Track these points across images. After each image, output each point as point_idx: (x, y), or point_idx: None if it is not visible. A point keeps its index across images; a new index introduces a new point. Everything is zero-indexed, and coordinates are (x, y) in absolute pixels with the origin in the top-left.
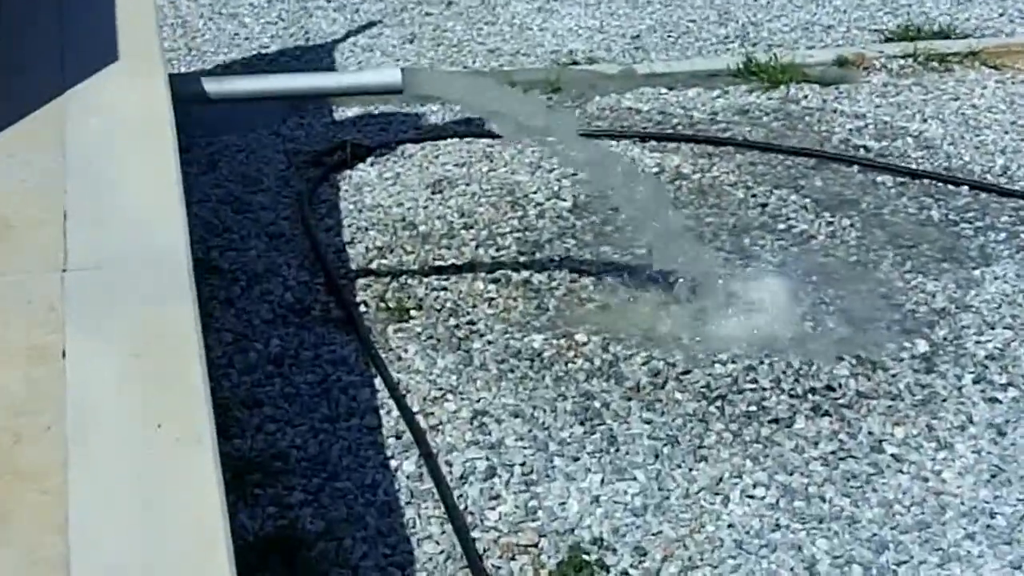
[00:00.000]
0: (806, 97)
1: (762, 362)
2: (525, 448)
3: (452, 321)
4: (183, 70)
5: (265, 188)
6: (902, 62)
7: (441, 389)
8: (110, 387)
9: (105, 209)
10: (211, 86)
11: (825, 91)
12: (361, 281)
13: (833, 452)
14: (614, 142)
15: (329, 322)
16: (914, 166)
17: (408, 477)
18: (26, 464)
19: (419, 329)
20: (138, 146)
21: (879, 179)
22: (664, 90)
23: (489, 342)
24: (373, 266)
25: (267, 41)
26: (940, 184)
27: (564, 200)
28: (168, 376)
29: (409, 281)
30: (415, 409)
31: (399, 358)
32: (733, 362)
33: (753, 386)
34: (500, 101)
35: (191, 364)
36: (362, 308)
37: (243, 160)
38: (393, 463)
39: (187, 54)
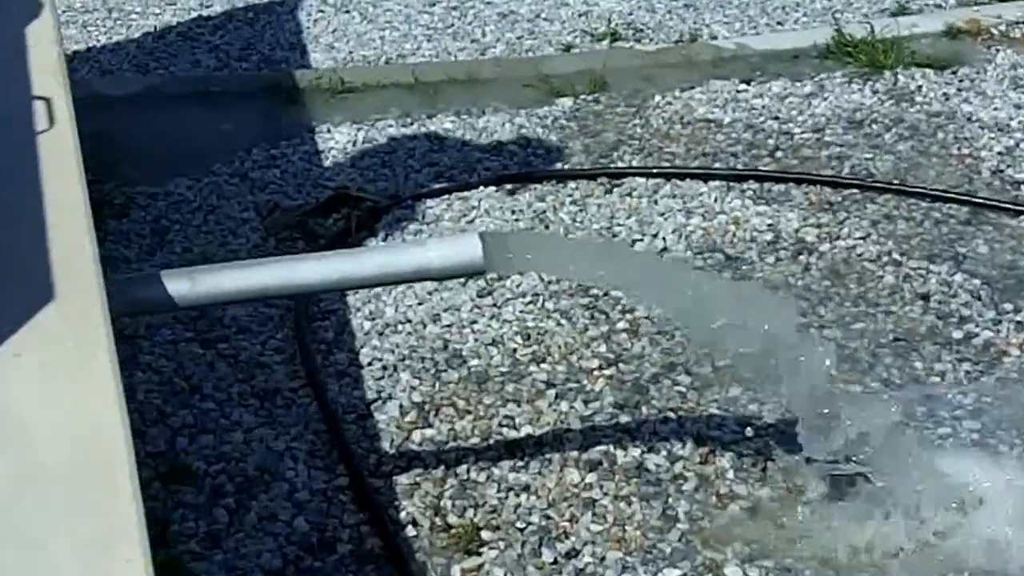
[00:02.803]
0: (921, 90)
1: None
2: None
3: (546, 553)
4: (102, 41)
5: None
6: None
7: None
8: None
9: None
10: (179, 287)
11: (943, 79)
12: (402, 479)
13: None
14: (703, 185)
15: (366, 562)
16: None
17: None
18: None
19: (500, 572)
20: (76, 530)
21: None
22: (741, 85)
23: None
24: (415, 444)
25: None
26: None
27: None
28: None
29: (472, 473)
30: None
31: None
32: None
33: None
34: (629, 274)
35: None
36: (409, 530)
37: (201, 226)
38: None
39: (106, 17)
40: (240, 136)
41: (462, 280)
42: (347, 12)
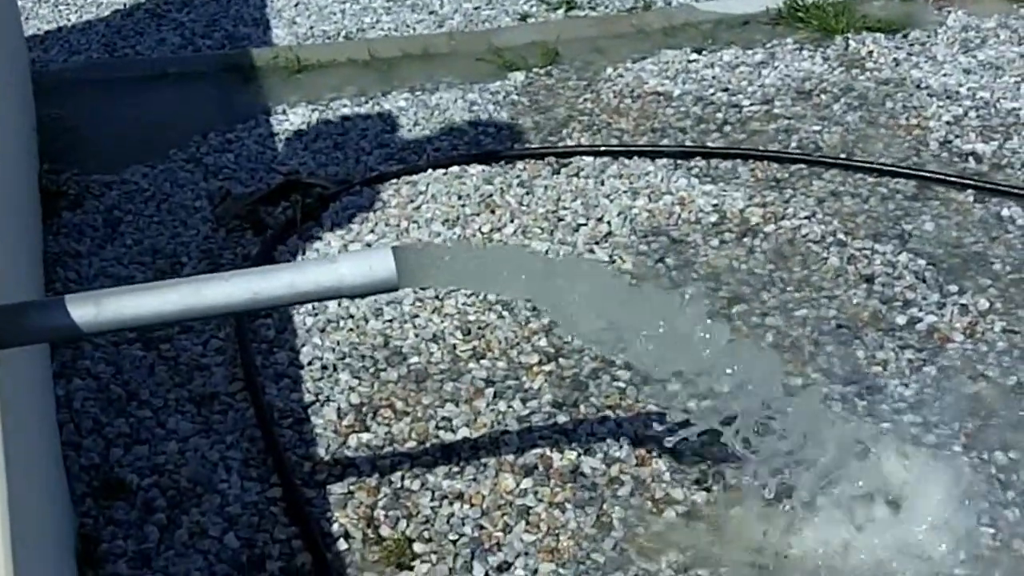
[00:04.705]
0: (872, 55)
1: None
2: None
3: (477, 568)
4: (72, 20)
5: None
6: None
7: None
8: None
9: None
10: (84, 313)
11: (894, 43)
12: (336, 488)
13: None
14: (651, 164)
15: None
16: None
17: None
18: None
19: None
20: None
21: (1005, 212)
22: (693, 55)
23: None
24: (351, 449)
25: None
26: None
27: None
28: None
29: (406, 481)
30: None
31: None
32: None
33: None
34: (553, 287)
35: None
36: (341, 543)
37: (153, 216)
38: None
39: (43, 2)
40: (197, 119)
41: None
42: None
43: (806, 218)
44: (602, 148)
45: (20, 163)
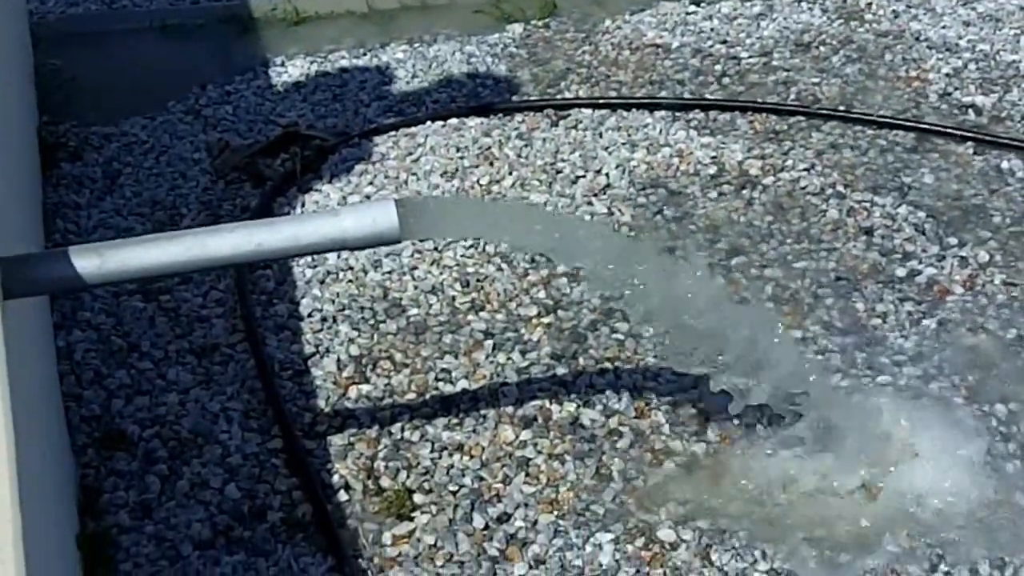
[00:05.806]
0: (871, 7)
1: (935, 568)
2: None
3: (477, 519)
4: None
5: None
6: None
7: None
8: None
9: None
10: (88, 264)
11: None
12: (336, 440)
13: None
14: (649, 116)
15: (296, 530)
16: None
17: None
18: None
19: (431, 539)
20: None
21: (1004, 165)
22: (691, 6)
23: (537, 561)
24: (351, 401)
25: None
26: None
27: None
28: None
29: (406, 432)
30: None
31: None
32: (894, 574)
33: None
34: (547, 237)
35: None
36: (342, 494)
37: (152, 167)
38: None
39: None
40: (195, 71)
41: None
42: None
43: (805, 170)
44: (600, 100)
45: (19, 114)
